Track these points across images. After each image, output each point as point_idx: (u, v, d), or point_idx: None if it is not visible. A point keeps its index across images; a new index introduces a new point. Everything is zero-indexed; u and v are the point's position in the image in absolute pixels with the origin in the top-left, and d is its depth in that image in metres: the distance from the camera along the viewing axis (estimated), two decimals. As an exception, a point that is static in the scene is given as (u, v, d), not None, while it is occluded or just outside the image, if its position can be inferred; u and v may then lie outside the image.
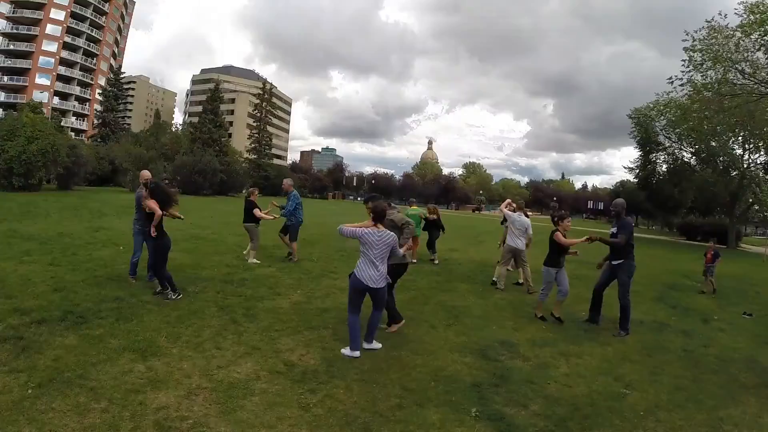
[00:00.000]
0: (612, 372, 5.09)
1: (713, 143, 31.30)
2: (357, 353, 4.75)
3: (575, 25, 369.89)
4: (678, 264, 16.19)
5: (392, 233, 4.96)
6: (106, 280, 6.93)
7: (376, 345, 5.09)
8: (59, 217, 14.61)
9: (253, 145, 67.46)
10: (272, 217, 9.79)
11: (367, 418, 3.54)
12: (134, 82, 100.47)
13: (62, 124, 55.20)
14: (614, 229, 7.01)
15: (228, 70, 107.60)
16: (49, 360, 4.00)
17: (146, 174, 7.37)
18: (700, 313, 8.70)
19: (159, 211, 6.10)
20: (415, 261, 10.94)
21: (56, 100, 66.85)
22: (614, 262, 6.92)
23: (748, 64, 19.48)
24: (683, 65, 21.98)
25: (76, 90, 69.60)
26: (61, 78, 67.47)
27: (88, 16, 69.35)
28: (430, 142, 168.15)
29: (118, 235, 11.49)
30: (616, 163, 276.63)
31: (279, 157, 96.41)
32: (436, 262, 11.62)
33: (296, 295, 7.15)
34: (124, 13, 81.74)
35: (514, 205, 9.64)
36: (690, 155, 36.37)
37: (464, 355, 5.15)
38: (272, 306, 6.41)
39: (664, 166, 39.54)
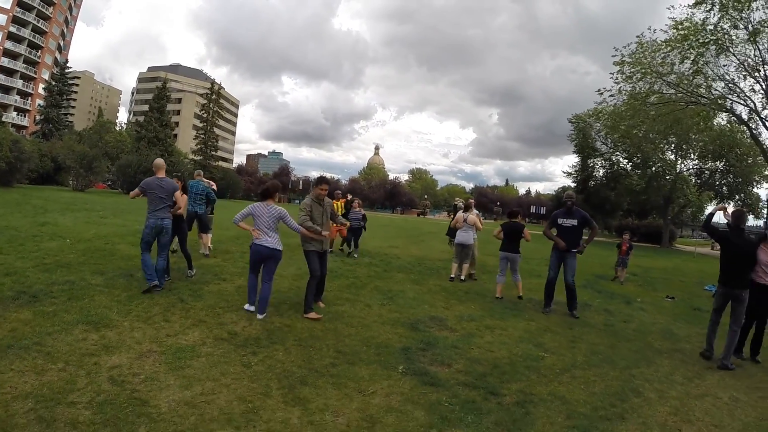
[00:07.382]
0: (533, 340, 5.71)
1: (645, 149, 33.35)
2: (252, 307, 5.62)
3: (522, 39, 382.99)
4: (611, 260, 17.17)
5: (280, 207, 5.58)
6: (56, 266, 7.00)
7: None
8: (2, 211, 14.12)
9: (198, 146, 65.67)
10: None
11: (303, 373, 4.02)
12: (78, 77, 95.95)
13: (2, 119, 52.20)
14: (573, 221, 7.28)
15: (176, 68, 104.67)
16: (6, 331, 4.23)
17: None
18: (624, 297, 9.56)
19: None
20: (332, 250, 10.87)
21: (-3, 93, 63.13)
22: (573, 250, 7.28)
23: (674, 76, 21.04)
24: (611, 77, 23.62)
25: (19, 83, 65.43)
26: (3, 70, 63.25)
27: (35, 5, 65.38)
28: (377, 148, 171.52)
29: (64, 229, 11.37)
30: (558, 171, 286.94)
31: (225, 159, 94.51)
32: None
33: (241, 280, 7.41)
34: (72, 4, 78.00)
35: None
36: (625, 160, 38.72)
37: (396, 327, 5.70)
38: (217, 289, 6.73)
39: (601, 170, 42.12)
